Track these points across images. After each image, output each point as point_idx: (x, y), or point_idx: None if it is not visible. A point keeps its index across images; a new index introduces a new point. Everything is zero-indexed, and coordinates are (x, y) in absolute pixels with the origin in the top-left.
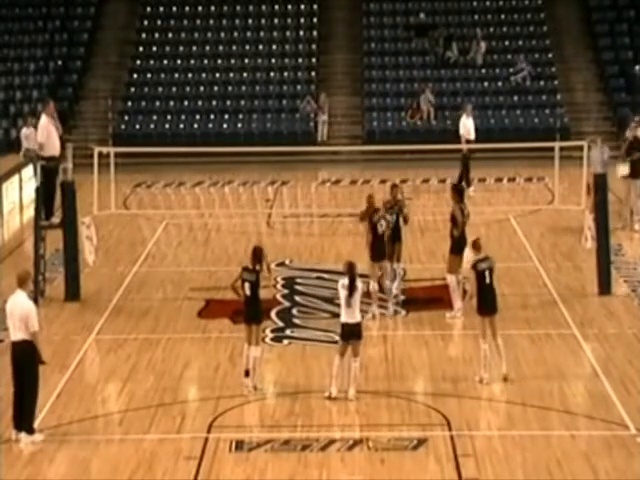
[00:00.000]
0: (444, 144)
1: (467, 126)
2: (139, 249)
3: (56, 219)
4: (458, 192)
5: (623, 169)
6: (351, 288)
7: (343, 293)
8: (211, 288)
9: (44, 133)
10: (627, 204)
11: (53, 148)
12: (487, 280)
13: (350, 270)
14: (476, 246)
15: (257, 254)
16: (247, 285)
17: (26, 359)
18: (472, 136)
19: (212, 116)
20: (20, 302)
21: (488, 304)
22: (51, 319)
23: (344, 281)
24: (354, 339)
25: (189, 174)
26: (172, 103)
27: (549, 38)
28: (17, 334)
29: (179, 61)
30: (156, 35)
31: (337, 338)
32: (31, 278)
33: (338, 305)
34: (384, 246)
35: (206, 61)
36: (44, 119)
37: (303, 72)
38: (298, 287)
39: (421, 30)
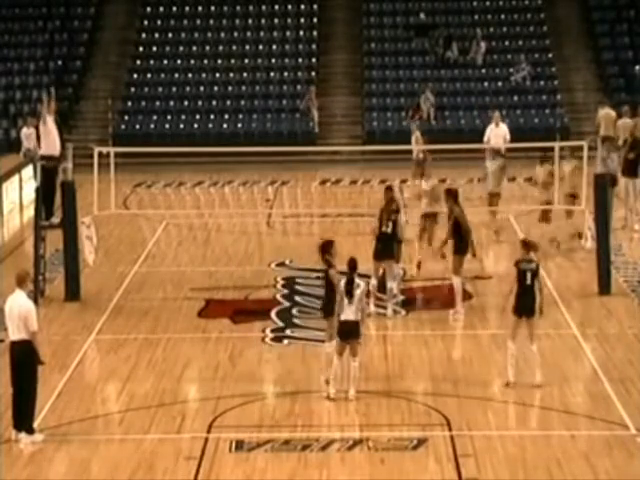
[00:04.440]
0: (444, 144)
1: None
2: (139, 249)
3: (56, 219)
4: (452, 195)
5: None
6: (348, 287)
7: (344, 291)
8: (211, 288)
9: (46, 127)
10: (626, 204)
11: (53, 148)
12: (528, 281)
13: (349, 269)
14: (526, 246)
15: (323, 248)
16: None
17: (25, 359)
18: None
19: (212, 116)
20: (19, 302)
21: (526, 305)
22: (51, 319)
23: (344, 280)
24: (352, 339)
25: (189, 174)
26: (172, 103)
27: (549, 38)
28: (16, 334)
29: (179, 61)
30: (156, 35)
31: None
32: (30, 278)
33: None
34: (383, 246)
35: (206, 61)
36: (47, 117)
37: (303, 72)
38: (298, 287)
39: (421, 30)
